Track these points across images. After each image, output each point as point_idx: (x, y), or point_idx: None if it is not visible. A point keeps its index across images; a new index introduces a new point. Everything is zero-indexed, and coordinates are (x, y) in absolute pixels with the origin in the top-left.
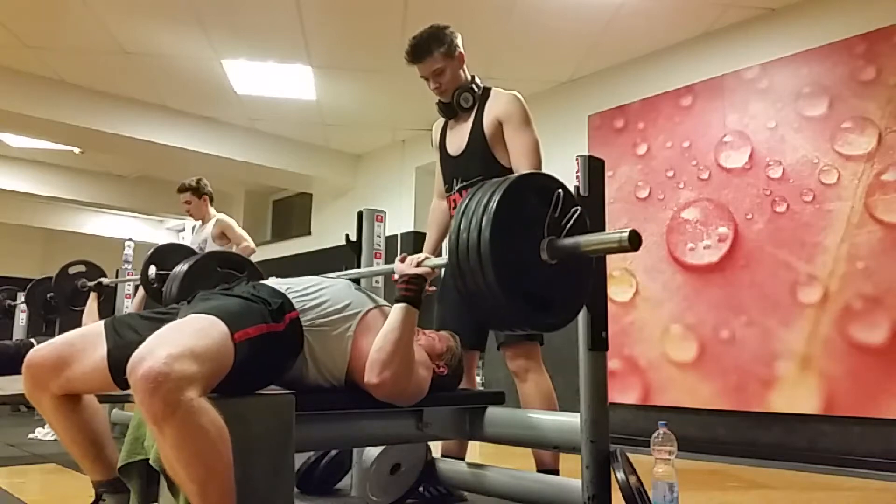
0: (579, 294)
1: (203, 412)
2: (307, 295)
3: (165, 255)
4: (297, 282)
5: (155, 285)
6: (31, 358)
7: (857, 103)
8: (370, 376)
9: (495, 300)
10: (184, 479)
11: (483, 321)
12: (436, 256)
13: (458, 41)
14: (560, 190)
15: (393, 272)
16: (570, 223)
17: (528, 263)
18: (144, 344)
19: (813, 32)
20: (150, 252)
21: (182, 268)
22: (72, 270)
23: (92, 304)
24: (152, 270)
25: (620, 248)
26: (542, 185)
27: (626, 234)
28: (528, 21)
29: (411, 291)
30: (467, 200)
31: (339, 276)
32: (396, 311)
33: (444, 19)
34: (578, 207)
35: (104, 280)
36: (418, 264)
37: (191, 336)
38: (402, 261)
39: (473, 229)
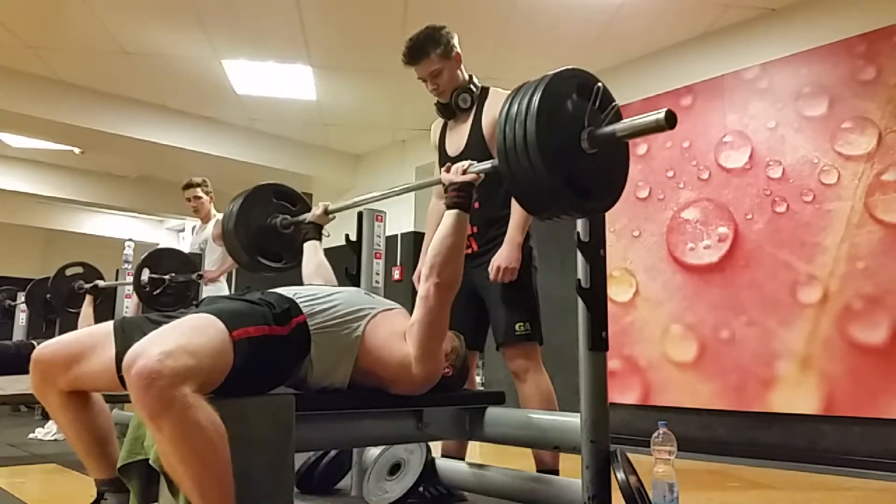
0: (617, 181)
1: (199, 407)
2: (317, 300)
3: (160, 259)
4: (306, 288)
5: (147, 289)
6: (39, 353)
7: (857, 103)
8: (428, 273)
9: (543, 187)
10: (182, 476)
11: (532, 210)
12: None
13: (455, 41)
14: (599, 84)
15: (441, 183)
16: (608, 116)
17: (572, 152)
18: (139, 342)
19: (813, 32)
20: (144, 255)
21: (238, 201)
22: (69, 272)
23: (87, 309)
24: (145, 274)
25: (657, 128)
26: (582, 80)
27: (663, 115)
28: (528, 21)
29: (461, 198)
30: (508, 104)
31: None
32: (449, 216)
33: (445, 19)
34: (616, 104)
35: (100, 283)
36: (464, 171)
37: (185, 334)
38: (448, 171)
39: (519, 127)
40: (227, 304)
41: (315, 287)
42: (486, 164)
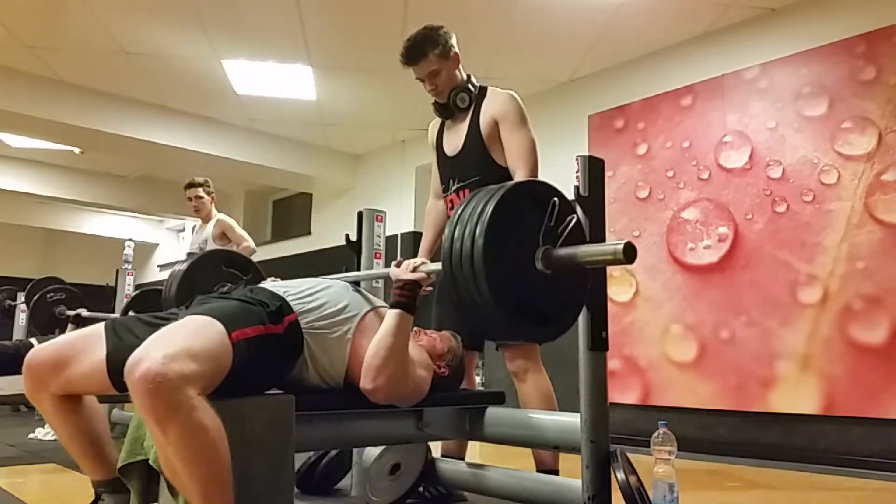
0: (575, 304)
1: (203, 410)
2: (305, 297)
3: (146, 300)
4: (294, 284)
5: None
6: (31, 358)
7: (857, 103)
8: (365, 382)
9: (489, 312)
10: (186, 480)
11: (477, 331)
12: (432, 258)
13: (453, 41)
14: (556, 198)
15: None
16: (566, 232)
17: (523, 274)
18: (141, 346)
19: (813, 32)
20: (131, 297)
21: (182, 266)
22: (51, 297)
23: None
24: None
25: (615, 261)
26: (537, 192)
27: (621, 247)
28: (528, 21)
29: (405, 297)
30: (461, 208)
31: (337, 279)
32: (391, 316)
33: (445, 19)
34: (575, 216)
35: (83, 312)
36: (413, 269)
37: (187, 336)
38: (399, 265)
39: (467, 238)
40: (222, 305)
41: (301, 283)
42: (436, 266)
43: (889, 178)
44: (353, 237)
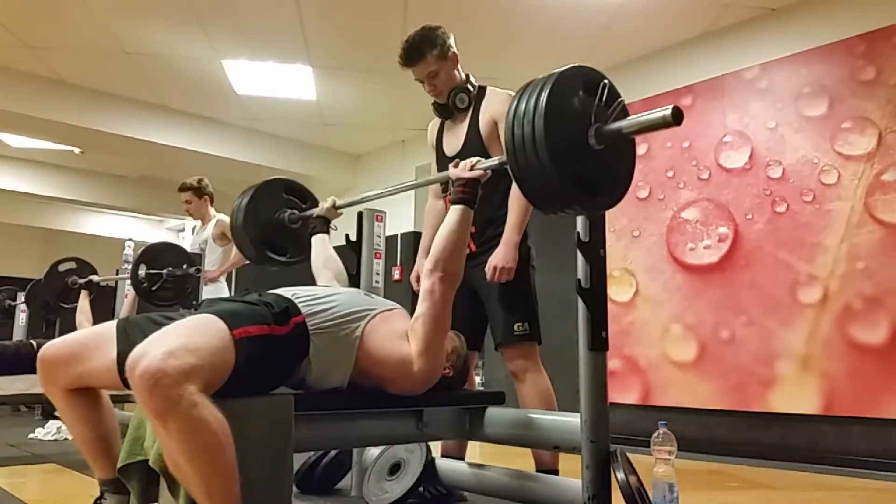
0: (624, 177)
1: (204, 405)
2: (316, 300)
3: (156, 254)
4: (305, 289)
5: (145, 284)
6: (44, 352)
7: (857, 103)
8: (431, 268)
9: (551, 184)
10: (189, 475)
11: (541, 206)
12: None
13: (451, 41)
14: (605, 81)
15: (448, 179)
16: (615, 112)
17: (579, 149)
18: (141, 344)
19: (813, 32)
20: (140, 251)
21: (246, 197)
22: (63, 267)
23: (84, 303)
24: (142, 270)
25: (664, 124)
26: (587, 78)
27: (669, 111)
28: (528, 21)
29: (468, 193)
30: (515, 102)
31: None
32: (454, 212)
33: (444, 19)
34: (622, 100)
35: (94, 277)
36: (472, 168)
37: (186, 333)
38: (456, 166)
39: (528, 125)
40: (226, 305)
41: (315, 287)
42: (494, 161)
43: (889, 178)
44: (353, 237)
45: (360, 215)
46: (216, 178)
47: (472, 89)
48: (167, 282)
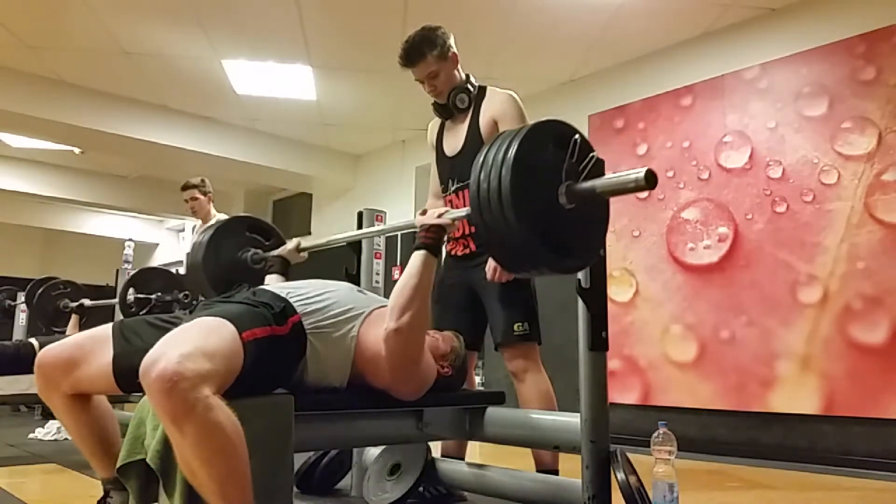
0: (596, 238)
1: (220, 408)
2: (309, 299)
3: (146, 279)
4: (297, 285)
5: (133, 309)
6: (41, 358)
7: (857, 103)
8: (389, 321)
9: (517, 244)
10: (204, 479)
11: (507, 267)
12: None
13: (451, 41)
14: (577, 136)
15: (413, 225)
16: (587, 169)
17: (548, 208)
18: (155, 347)
19: (813, 32)
20: (129, 276)
21: (206, 235)
22: (55, 292)
23: (73, 329)
24: (131, 294)
25: (637, 188)
26: (558, 132)
27: (643, 174)
28: (528, 21)
29: (430, 239)
30: (485, 152)
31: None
32: (416, 257)
33: (444, 19)
34: (594, 154)
35: (86, 302)
36: (439, 216)
37: (200, 336)
38: (423, 214)
39: (493, 178)
40: (227, 307)
41: (305, 284)
42: (462, 212)
43: (889, 178)
44: None
45: (360, 215)
46: (216, 178)
47: (472, 89)
48: (155, 307)
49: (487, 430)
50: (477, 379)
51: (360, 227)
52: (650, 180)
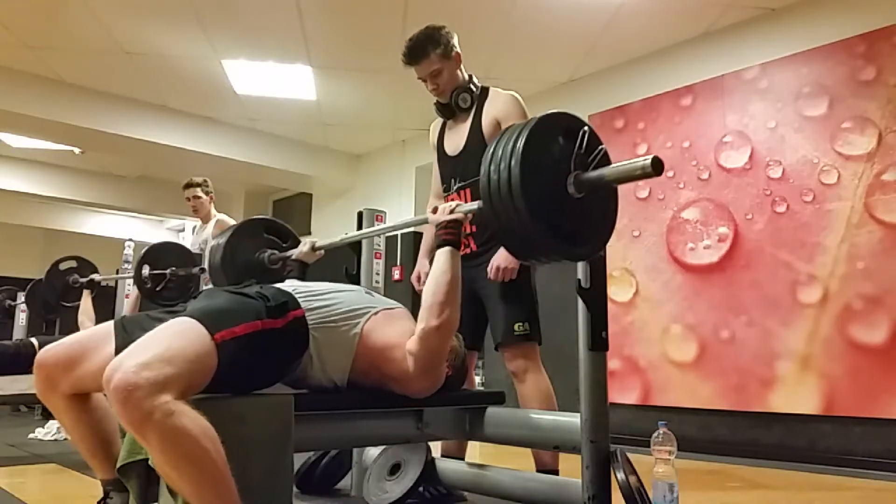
0: (605, 226)
1: (182, 413)
2: (315, 296)
3: (159, 254)
4: (308, 284)
5: (148, 285)
6: (42, 357)
7: (857, 103)
8: (431, 319)
9: (527, 233)
10: (177, 482)
11: (518, 255)
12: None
13: (455, 41)
14: (585, 128)
15: (426, 222)
16: (596, 160)
17: (557, 197)
18: (117, 357)
19: (813, 32)
20: (143, 251)
21: (224, 237)
22: (64, 266)
23: (86, 302)
24: (146, 270)
25: (644, 174)
26: (567, 124)
27: (649, 161)
28: (528, 21)
29: (451, 234)
30: (493, 145)
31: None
32: (442, 254)
33: (445, 19)
34: (603, 147)
35: (96, 276)
36: (451, 212)
37: (162, 342)
38: (434, 212)
39: (504, 169)
40: (216, 302)
41: (316, 283)
42: (473, 205)
43: (889, 178)
44: None
45: (360, 215)
46: (216, 177)
47: (474, 89)
48: (171, 281)
49: (487, 430)
50: (477, 379)
51: (359, 227)
52: (657, 167)
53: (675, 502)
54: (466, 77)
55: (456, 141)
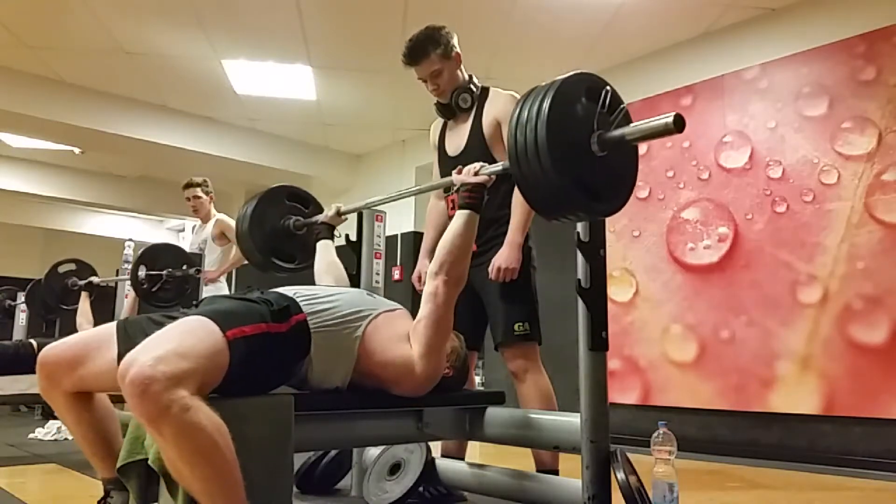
0: (626, 184)
1: (197, 408)
2: (317, 299)
3: (156, 255)
4: (309, 288)
5: (145, 286)
6: (45, 356)
7: (857, 103)
8: (436, 271)
9: (553, 190)
10: (189, 479)
11: (543, 212)
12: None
13: (455, 41)
14: (608, 88)
15: (451, 185)
16: (618, 119)
17: (581, 155)
18: (132, 351)
19: (813, 32)
20: (139, 252)
21: (250, 206)
22: (63, 269)
23: (84, 304)
24: (142, 271)
25: (666, 132)
26: (590, 84)
27: (671, 118)
28: (528, 21)
29: (473, 198)
30: (518, 109)
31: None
32: (461, 216)
33: (445, 19)
34: (624, 106)
35: (94, 279)
36: (476, 173)
37: (175, 337)
38: (459, 172)
39: (530, 130)
40: (221, 305)
41: (316, 287)
42: (498, 167)
43: (889, 178)
44: (353, 237)
45: (359, 215)
46: (216, 177)
47: (475, 90)
48: (167, 282)
49: (487, 430)
50: (477, 379)
51: (359, 227)
52: (678, 123)
53: (675, 502)
54: (466, 77)
55: (456, 141)
